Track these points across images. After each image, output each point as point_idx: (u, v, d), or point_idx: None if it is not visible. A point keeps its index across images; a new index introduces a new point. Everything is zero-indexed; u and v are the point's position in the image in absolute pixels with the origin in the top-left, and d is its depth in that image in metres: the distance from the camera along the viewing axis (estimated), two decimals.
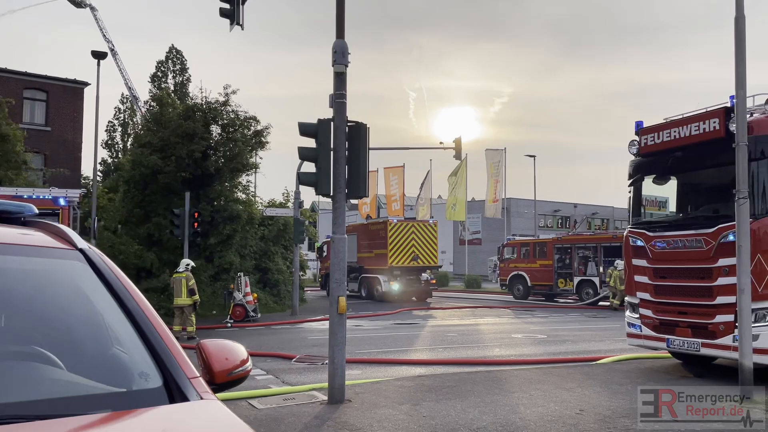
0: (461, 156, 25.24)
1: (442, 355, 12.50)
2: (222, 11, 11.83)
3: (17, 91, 28.07)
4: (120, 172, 25.92)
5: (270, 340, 14.95)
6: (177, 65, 49.79)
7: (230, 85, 23.78)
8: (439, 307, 25.35)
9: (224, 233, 22.23)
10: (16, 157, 21.22)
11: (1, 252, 2.18)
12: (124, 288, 2.18)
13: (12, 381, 1.82)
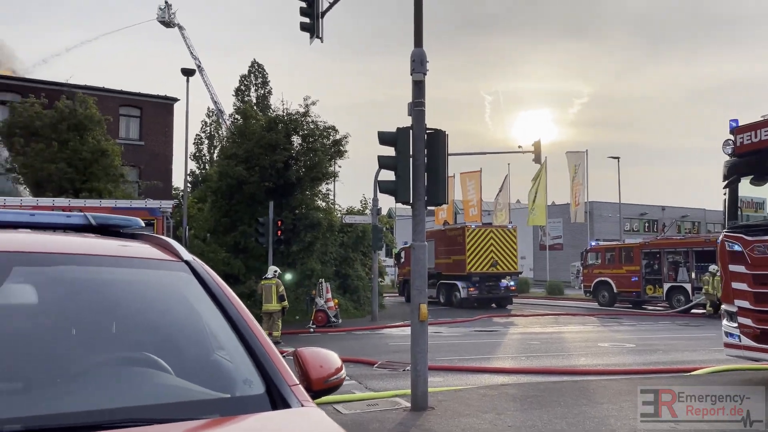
0: (541, 159, 24.73)
1: (525, 363, 12.26)
2: (302, 26, 12.21)
3: (114, 108, 29.92)
4: (208, 183, 27.12)
5: (351, 345, 15.17)
6: (259, 79, 51.53)
7: (310, 97, 24.42)
8: (519, 314, 24.87)
9: (306, 240, 22.79)
10: (115, 171, 22.64)
11: (113, 264, 2.34)
12: (226, 298, 2.28)
13: (127, 385, 1.93)
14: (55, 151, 21.58)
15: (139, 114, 32.13)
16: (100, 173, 21.89)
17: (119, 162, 23.12)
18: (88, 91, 25.08)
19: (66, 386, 1.83)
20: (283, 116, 23.98)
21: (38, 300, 2.08)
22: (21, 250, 2.20)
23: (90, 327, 2.16)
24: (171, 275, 2.38)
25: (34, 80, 30.46)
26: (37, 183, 21.76)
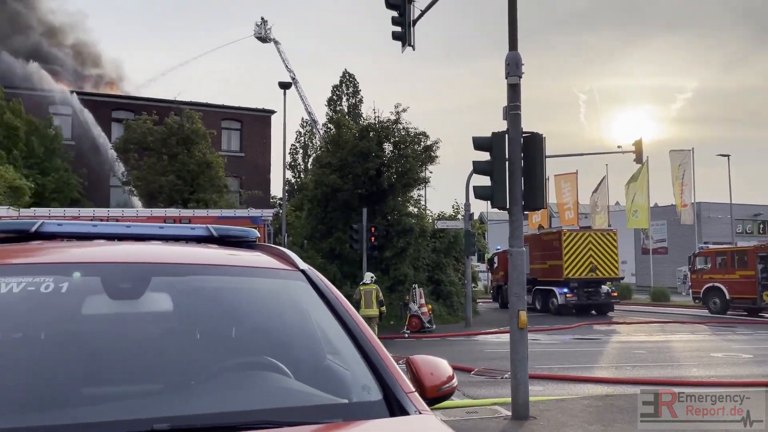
0: (642, 159, 23.60)
1: (631, 373, 11.72)
2: (394, 35, 12.36)
3: (216, 122, 31.61)
4: (304, 191, 28.00)
5: (446, 351, 15.11)
6: (350, 88, 52.66)
7: (401, 104, 24.64)
8: (622, 322, 23.78)
9: (398, 246, 22.98)
10: (219, 182, 23.93)
11: (237, 273, 2.49)
12: (341, 306, 2.36)
13: (254, 388, 2.04)
14: (165, 164, 23.11)
15: (240, 127, 33.74)
16: (206, 184, 23.19)
17: (223, 173, 24.40)
18: (194, 107, 26.66)
19: (199, 388, 1.96)
20: (375, 124, 24.34)
21: (173, 308, 2.25)
22: (158, 262, 2.39)
23: (218, 333, 2.31)
24: (289, 284, 2.49)
25: (145, 98, 32.77)
26: (149, 194, 23.37)
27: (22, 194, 19.73)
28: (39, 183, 23.20)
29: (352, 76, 53.13)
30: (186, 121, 23.82)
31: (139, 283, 2.19)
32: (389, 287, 23.00)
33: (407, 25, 12.33)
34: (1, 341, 2.01)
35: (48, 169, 24.51)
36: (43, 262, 2.28)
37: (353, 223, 21.70)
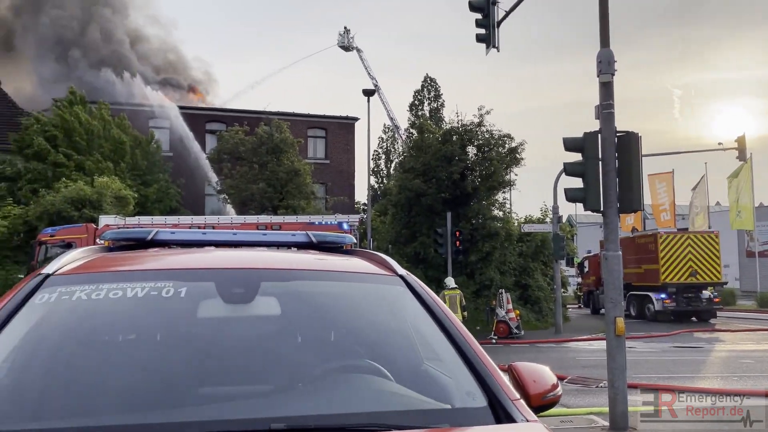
0: (746, 156, 22.13)
1: (738, 385, 10.98)
2: (478, 37, 12.26)
3: (303, 130, 32.52)
4: (388, 196, 28.26)
5: (536, 358, 14.75)
6: (432, 93, 52.70)
7: (484, 106, 24.39)
8: (726, 329, 22.32)
9: (484, 250, 22.71)
10: (306, 189, 24.62)
11: (339, 279, 2.55)
12: (441, 311, 2.36)
13: (358, 390, 2.08)
14: (255, 172, 24.04)
15: (324, 134, 34.54)
16: (294, 191, 23.93)
17: (310, 180, 25.07)
18: (282, 117, 27.57)
19: (307, 390, 2.02)
20: (458, 128, 24.22)
21: (280, 312, 2.34)
22: (266, 267, 2.49)
23: (322, 336, 2.38)
24: (388, 289, 2.52)
25: (236, 110, 34.22)
26: (242, 202, 24.38)
27: (126, 203, 21.14)
28: (142, 194, 24.79)
29: (433, 81, 53.18)
30: (275, 131, 24.67)
31: (250, 288, 2.30)
32: (475, 292, 22.78)
33: (491, 27, 12.20)
34: (128, 342, 2.16)
35: (150, 181, 26.19)
36: (163, 268, 2.44)
37: (437, 227, 21.65)
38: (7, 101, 31.57)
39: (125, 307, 2.10)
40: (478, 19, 12.21)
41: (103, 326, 2.15)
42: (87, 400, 1.85)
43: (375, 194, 50.99)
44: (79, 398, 1.86)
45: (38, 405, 1.82)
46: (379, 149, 56.47)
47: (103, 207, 19.67)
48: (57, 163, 23.64)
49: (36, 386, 1.88)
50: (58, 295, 2.07)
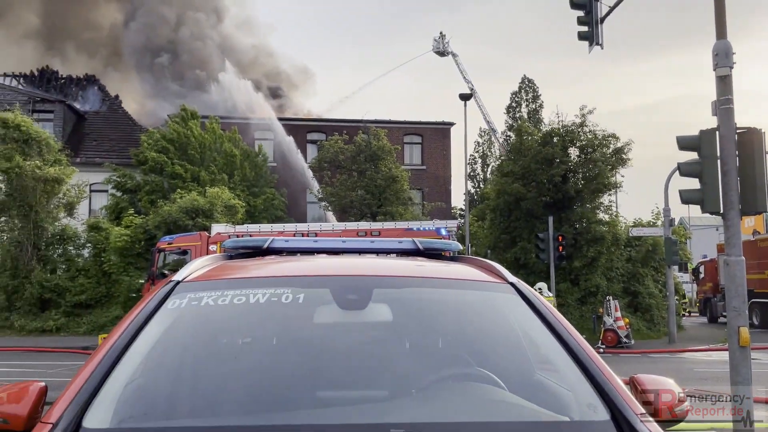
0: None
1: None
2: (580, 35, 11.88)
3: (399, 137, 32.85)
4: (486, 201, 27.92)
5: (648, 369, 14.00)
6: (530, 94, 51.52)
7: (586, 106, 23.47)
8: None
9: (588, 256, 21.87)
10: (404, 195, 24.83)
11: (448, 286, 2.55)
12: (556, 320, 2.29)
13: (473, 399, 2.06)
14: (355, 180, 24.58)
15: (421, 140, 34.69)
16: (392, 198, 24.22)
17: (407, 186, 25.27)
18: (379, 125, 28.02)
19: (421, 397, 2.03)
20: (558, 129, 23.51)
21: (392, 318, 2.37)
22: (378, 275, 2.54)
23: (434, 343, 2.39)
24: (499, 296, 2.49)
25: (335, 120, 35.15)
26: (342, 209, 24.99)
27: (235, 212, 22.29)
28: (251, 204, 26.08)
29: (531, 81, 51.98)
30: (373, 139, 25.10)
31: (363, 295, 2.35)
32: (579, 299, 21.98)
33: (594, 24, 11.77)
34: (251, 345, 2.27)
35: (257, 192, 27.55)
36: (282, 275, 2.55)
37: (538, 231, 21.11)
38: (128, 118, 34.28)
39: (248, 312, 2.21)
40: (579, 17, 11.83)
41: (228, 330, 2.28)
42: (214, 400, 1.96)
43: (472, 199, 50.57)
44: (207, 399, 1.98)
45: (169, 404, 1.95)
46: (475, 153, 55.94)
47: (214, 216, 20.84)
48: (173, 174, 25.36)
49: (167, 387, 2.01)
50: (188, 300, 2.21)
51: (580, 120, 23.20)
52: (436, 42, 45.85)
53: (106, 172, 27.02)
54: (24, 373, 13.25)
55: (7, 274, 21.78)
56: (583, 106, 23.40)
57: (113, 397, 1.80)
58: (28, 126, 21.98)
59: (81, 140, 31.65)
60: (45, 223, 22.14)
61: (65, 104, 31.56)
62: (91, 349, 17.16)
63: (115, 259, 21.75)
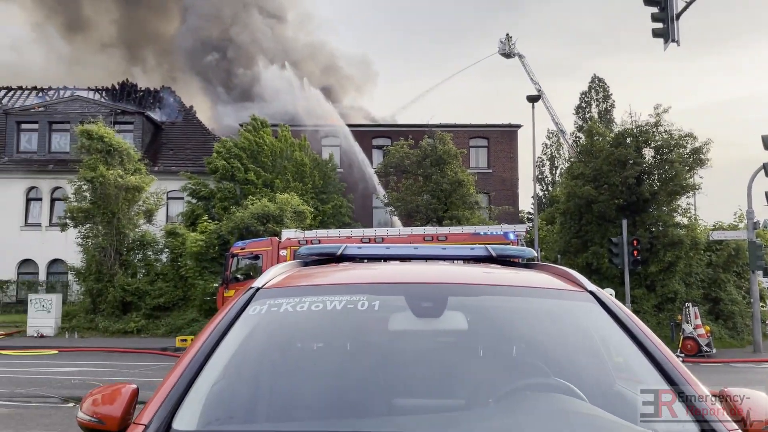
0: None
1: None
2: (655, 32, 11.49)
3: (465, 141, 32.60)
4: (556, 204, 27.31)
5: (732, 379, 13.28)
6: (600, 93, 50.07)
7: (660, 104, 22.55)
8: None
9: (665, 260, 20.99)
10: (470, 199, 24.61)
11: (524, 294, 2.50)
12: (639, 329, 2.21)
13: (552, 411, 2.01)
14: (420, 185, 24.57)
15: (486, 144, 34.30)
16: (458, 202, 24.06)
17: (473, 190, 25.03)
18: (444, 129, 27.90)
19: (499, 407, 2.00)
20: (631, 129, 22.71)
21: (468, 327, 2.36)
22: (452, 282, 2.54)
23: (510, 353, 2.35)
24: (577, 305, 2.43)
25: (400, 125, 35.30)
26: (407, 214, 25.03)
27: (304, 218, 22.75)
28: (319, 210, 26.56)
29: (601, 81, 50.51)
30: (438, 143, 25.03)
31: (438, 303, 2.35)
32: (656, 305, 21.13)
33: (669, 20, 11.34)
34: (329, 352, 2.31)
35: (326, 199, 28.03)
36: (357, 282, 2.58)
37: (611, 235, 20.45)
38: (202, 127, 35.65)
39: (326, 319, 2.25)
40: (654, 13, 11.43)
41: (307, 337, 2.33)
42: (293, 405, 2.01)
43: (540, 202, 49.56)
44: (286, 403, 2.02)
45: (251, 408, 2.01)
46: (543, 156, 54.83)
47: (284, 222, 21.32)
48: (245, 181, 26.15)
49: (248, 391, 2.07)
50: (268, 307, 2.27)
51: (655, 119, 22.35)
52: (502, 44, 45.30)
53: (182, 180, 28.17)
54: (109, 373, 13.96)
55: (92, 278, 23.01)
56: (658, 105, 22.55)
57: (200, 400, 1.88)
58: (111, 137, 23.18)
59: (158, 150, 33.18)
60: (126, 230, 23.25)
61: (144, 116, 33.15)
62: (169, 351, 17.95)
63: (190, 263, 22.58)
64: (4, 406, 9.63)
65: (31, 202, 31.72)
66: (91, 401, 1.99)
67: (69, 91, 36.34)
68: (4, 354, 17.58)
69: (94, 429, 1.93)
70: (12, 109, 33.65)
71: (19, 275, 30.73)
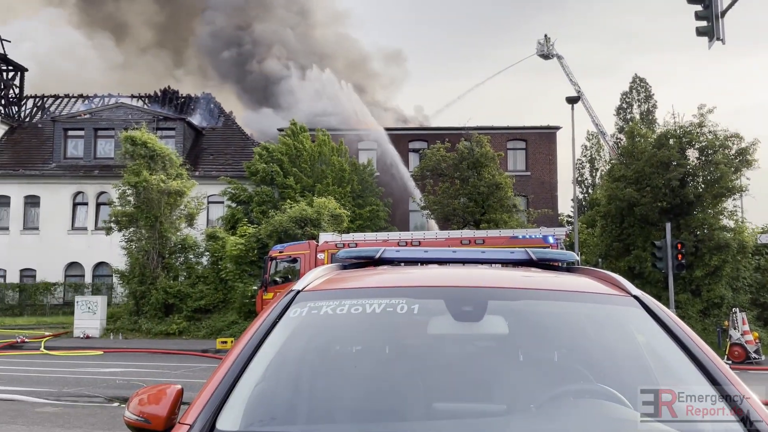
0: None
1: None
2: (699, 30, 11.21)
3: (502, 143, 32.28)
4: (596, 207, 26.82)
5: None
6: (641, 94, 49.06)
7: (705, 105, 21.96)
8: None
9: (711, 264, 20.41)
10: (508, 202, 24.35)
11: (567, 298, 2.45)
12: (686, 336, 2.16)
13: (597, 418, 1.97)
14: (457, 188, 24.44)
15: (524, 146, 33.90)
16: (496, 205, 23.84)
17: (511, 193, 24.77)
18: (481, 131, 27.68)
19: (541, 413, 1.97)
20: (674, 130, 22.18)
21: (509, 331, 2.33)
22: (492, 286, 2.51)
23: (551, 358, 2.32)
24: (621, 310, 2.38)
25: (436, 128, 35.18)
26: (444, 217, 24.91)
27: (341, 221, 22.87)
28: (357, 213, 26.67)
29: (643, 81, 49.48)
30: (475, 146, 24.86)
31: (478, 307, 2.32)
32: (702, 311, 20.55)
33: (714, 18, 11.04)
34: (368, 355, 2.32)
35: (363, 204, 28.15)
36: (396, 285, 2.58)
37: (654, 239, 19.96)
38: (241, 133, 36.25)
39: (365, 322, 2.25)
40: (697, 11, 11.16)
41: (347, 339, 2.34)
42: (334, 408, 2.01)
43: (580, 205, 48.73)
44: (327, 406, 2.03)
45: (292, 410, 2.02)
46: (582, 158, 53.92)
47: (321, 225, 21.48)
48: (284, 185, 26.46)
49: (290, 393, 2.09)
50: (308, 309, 2.28)
51: (699, 120, 21.79)
52: (540, 45, 44.73)
53: (222, 185, 28.67)
54: (152, 374, 14.27)
55: (136, 281, 23.59)
56: (702, 105, 21.96)
57: (242, 401, 1.90)
58: (154, 143, 23.75)
59: (199, 155, 33.86)
60: (168, 233, 23.77)
61: (185, 121, 33.87)
62: (210, 352, 18.26)
63: (230, 266, 22.94)
64: (52, 404, 9.94)
65: (77, 206, 32.76)
66: (137, 401, 2.03)
67: (113, 98, 37.46)
68: (52, 354, 18.16)
69: (141, 428, 1.97)
70: (59, 117, 34.83)
71: (66, 278, 31.74)
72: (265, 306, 2.63)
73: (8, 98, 37.23)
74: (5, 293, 30.77)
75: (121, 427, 8.09)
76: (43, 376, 13.44)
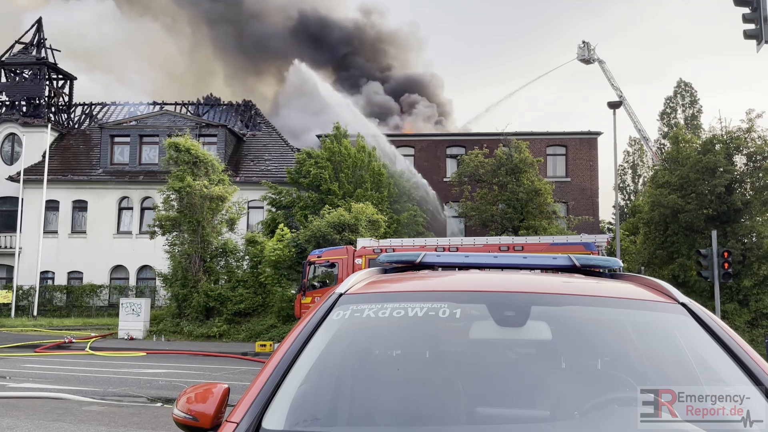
0: None
1: None
2: (746, 34, 10.91)
3: (542, 149, 31.91)
4: (639, 214, 26.24)
5: None
6: (686, 98, 47.88)
7: (753, 109, 21.33)
8: None
9: (760, 274, 19.75)
10: (547, 209, 24.03)
11: (611, 305, 2.42)
12: (736, 344, 2.12)
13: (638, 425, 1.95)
14: (495, 194, 24.24)
15: (565, 152, 33.42)
16: (535, 211, 23.55)
17: (551, 199, 24.44)
18: (520, 137, 27.43)
19: (586, 420, 1.95)
20: (721, 135, 21.58)
21: (552, 337, 2.31)
22: (535, 291, 2.49)
23: (595, 365, 2.29)
24: (667, 317, 2.35)
25: (475, 134, 35.02)
26: (482, 223, 24.72)
27: (378, 227, 22.93)
28: (395, 219, 26.71)
29: (688, 85, 48.26)
30: (514, 152, 24.63)
31: (521, 312, 2.32)
32: (750, 321, 19.88)
33: (762, 20, 10.72)
34: (410, 358, 2.32)
35: (400, 210, 28.19)
36: (438, 290, 2.59)
37: (699, 247, 19.41)
38: (281, 139, 36.76)
39: (407, 325, 2.26)
40: (745, 14, 10.85)
41: (389, 342, 2.36)
42: (375, 410, 2.03)
43: (622, 212, 47.73)
44: (369, 408, 2.05)
45: (335, 411, 2.05)
46: (624, 164, 52.88)
47: (359, 230, 21.57)
48: (328, 191, 26.68)
49: (332, 394, 2.12)
50: (351, 312, 2.31)
51: (747, 125, 21.17)
52: (581, 50, 44.10)
53: (262, 190, 29.07)
54: (194, 375, 14.55)
55: (178, 284, 24.09)
56: (750, 110, 21.34)
57: (287, 402, 1.94)
58: (196, 149, 24.26)
59: (240, 160, 34.46)
60: (210, 237, 24.22)
61: (226, 128, 34.53)
62: (249, 355, 18.51)
63: (269, 271, 23.23)
64: (98, 403, 10.22)
65: (123, 211, 33.72)
66: (185, 399, 2.09)
67: (158, 106, 38.45)
68: (97, 355, 18.68)
69: (189, 425, 2.02)
70: (106, 124, 35.93)
71: (111, 280, 32.67)
72: (305, 309, 2.66)
73: (58, 106, 38.57)
74: (54, 295, 31.85)
75: (163, 427, 8.27)
76: (89, 376, 13.83)
